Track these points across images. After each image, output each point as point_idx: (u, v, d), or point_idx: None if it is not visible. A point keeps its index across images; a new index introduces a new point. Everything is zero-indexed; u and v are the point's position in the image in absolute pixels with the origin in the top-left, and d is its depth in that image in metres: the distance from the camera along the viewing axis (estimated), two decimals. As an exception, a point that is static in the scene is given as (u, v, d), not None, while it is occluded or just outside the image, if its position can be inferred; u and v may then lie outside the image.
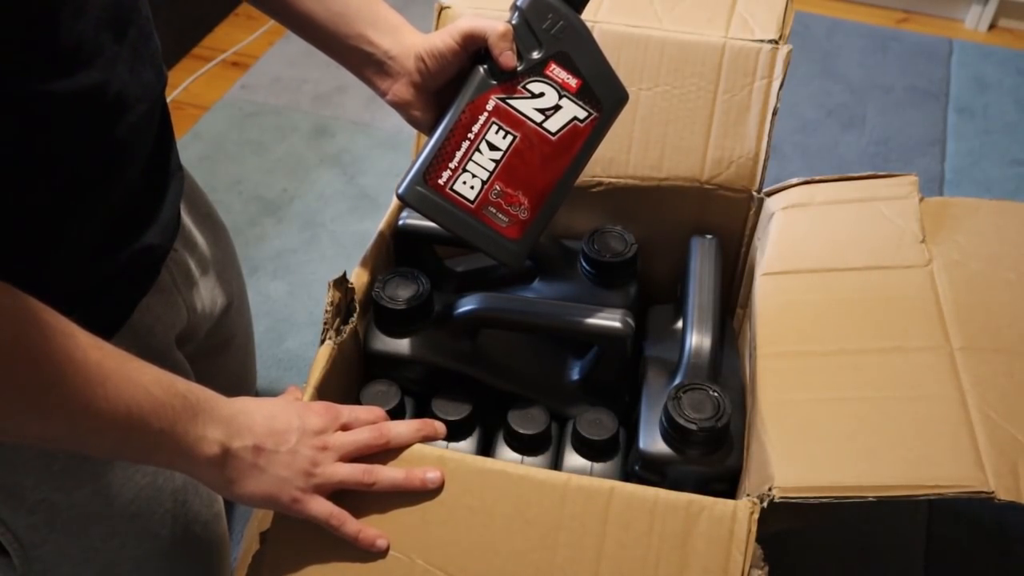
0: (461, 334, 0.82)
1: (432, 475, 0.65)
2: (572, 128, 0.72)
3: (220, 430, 0.60)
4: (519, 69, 0.70)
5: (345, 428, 0.66)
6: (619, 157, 0.89)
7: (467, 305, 0.81)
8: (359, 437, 0.65)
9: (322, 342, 0.73)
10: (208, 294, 0.84)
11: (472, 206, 0.71)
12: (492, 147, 0.71)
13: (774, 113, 0.87)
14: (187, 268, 0.80)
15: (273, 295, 1.48)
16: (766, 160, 0.87)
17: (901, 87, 1.82)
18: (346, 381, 0.80)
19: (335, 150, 1.71)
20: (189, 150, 1.70)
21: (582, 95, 0.72)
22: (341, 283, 0.75)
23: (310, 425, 0.64)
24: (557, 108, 0.71)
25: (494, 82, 0.70)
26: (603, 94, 0.72)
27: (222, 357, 0.98)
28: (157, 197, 0.72)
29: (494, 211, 0.71)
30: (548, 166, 0.72)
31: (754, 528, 0.62)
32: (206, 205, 0.90)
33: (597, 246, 0.88)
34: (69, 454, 0.67)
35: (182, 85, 1.83)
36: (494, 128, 0.71)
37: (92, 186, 0.63)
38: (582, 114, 0.72)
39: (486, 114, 0.70)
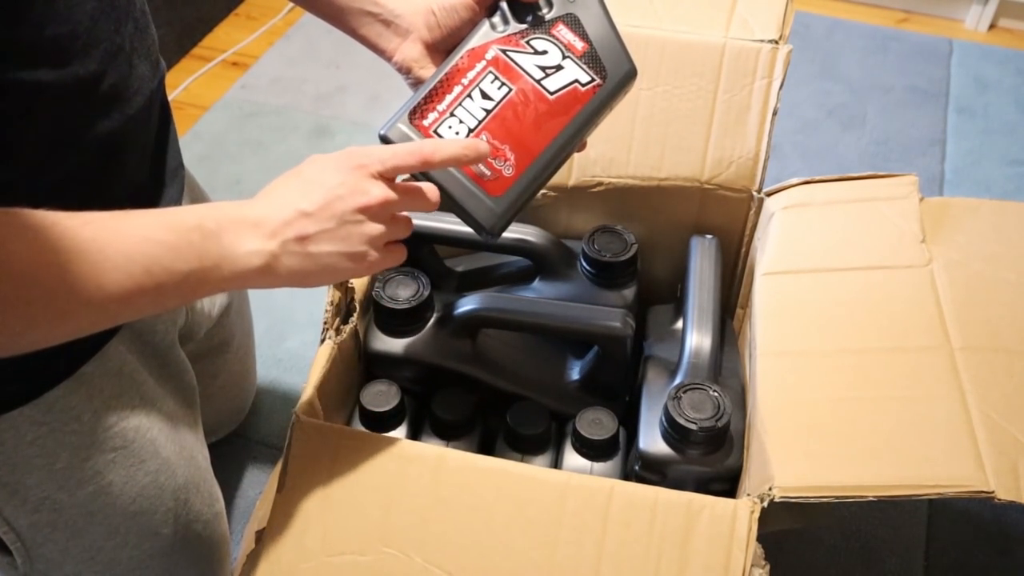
0: (461, 334, 0.82)
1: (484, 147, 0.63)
2: (572, 91, 0.69)
3: (256, 238, 0.56)
4: (527, 22, 0.69)
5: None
6: (619, 157, 0.89)
7: (467, 305, 0.81)
8: (397, 151, 0.62)
9: (322, 342, 0.73)
10: (208, 293, 0.84)
11: None
12: (485, 96, 0.68)
13: (774, 113, 0.87)
14: None
15: (273, 295, 1.48)
16: (766, 160, 0.87)
17: (901, 87, 1.82)
18: (346, 381, 0.80)
19: (335, 150, 1.71)
20: (189, 150, 1.70)
21: (587, 60, 0.69)
22: (341, 283, 0.75)
23: (332, 181, 0.60)
24: (559, 68, 0.69)
25: (498, 33, 0.69)
26: (609, 63, 0.70)
27: (223, 357, 0.98)
28: (156, 195, 0.72)
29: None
30: (541, 125, 0.69)
31: (755, 527, 0.62)
32: (208, 204, 0.90)
33: (597, 246, 0.88)
34: (71, 454, 0.67)
35: (182, 85, 1.83)
36: (490, 77, 0.68)
37: (88, 180, 0.62)
38: (584, 78, 0.69)
39: (484, 62, 0.68)
